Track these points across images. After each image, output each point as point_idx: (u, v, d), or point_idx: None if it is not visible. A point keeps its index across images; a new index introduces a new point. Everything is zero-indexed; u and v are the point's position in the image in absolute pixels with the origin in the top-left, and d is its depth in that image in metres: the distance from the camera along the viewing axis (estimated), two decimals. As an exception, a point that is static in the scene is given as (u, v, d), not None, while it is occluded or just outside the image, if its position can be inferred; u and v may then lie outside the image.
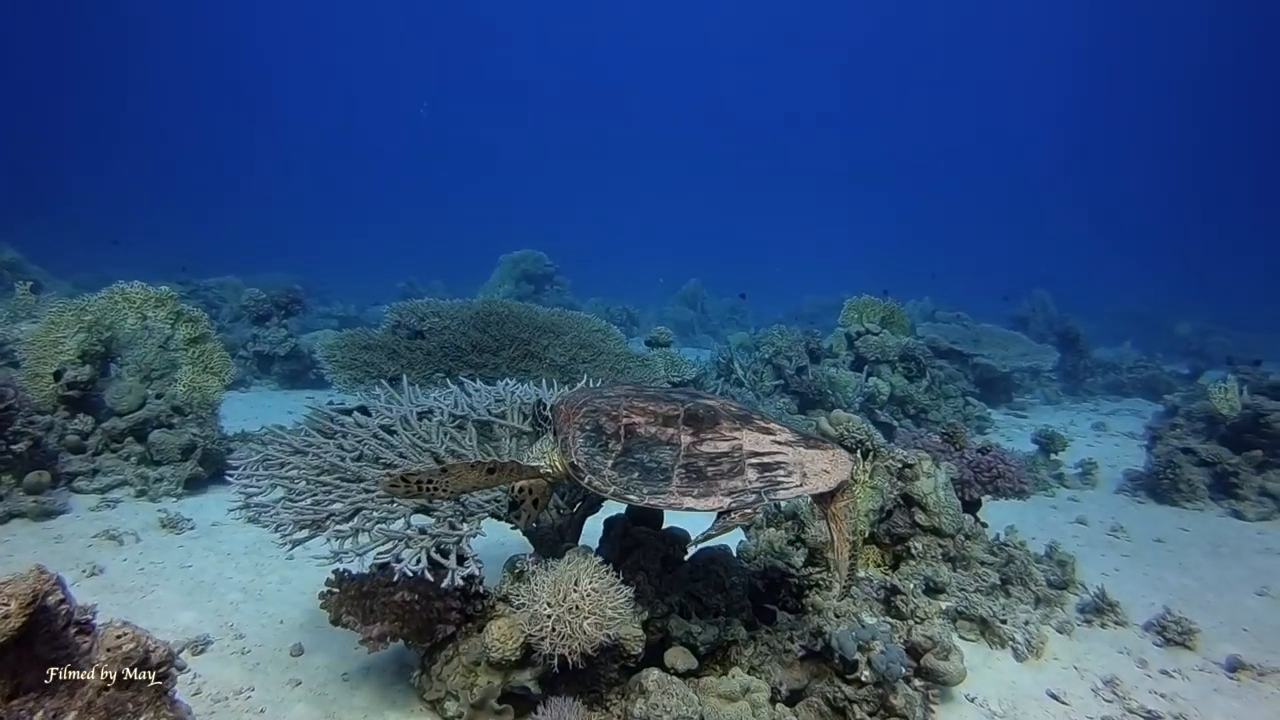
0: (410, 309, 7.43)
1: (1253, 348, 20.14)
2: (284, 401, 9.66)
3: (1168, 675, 3.88)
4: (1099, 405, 13.32)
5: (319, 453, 3.34)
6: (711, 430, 2.79)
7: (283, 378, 10.36)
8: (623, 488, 2.72)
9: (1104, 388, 14.51)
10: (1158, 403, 13.38)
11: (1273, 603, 4.90)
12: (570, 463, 2.83)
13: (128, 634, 2.09)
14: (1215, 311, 24.96)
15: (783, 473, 2.72)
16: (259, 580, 4.43)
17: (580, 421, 2.89)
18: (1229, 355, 12.78)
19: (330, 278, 24.20)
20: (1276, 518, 6.67)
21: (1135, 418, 12.06)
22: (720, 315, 23.08)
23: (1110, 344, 17.45)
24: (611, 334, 8.10)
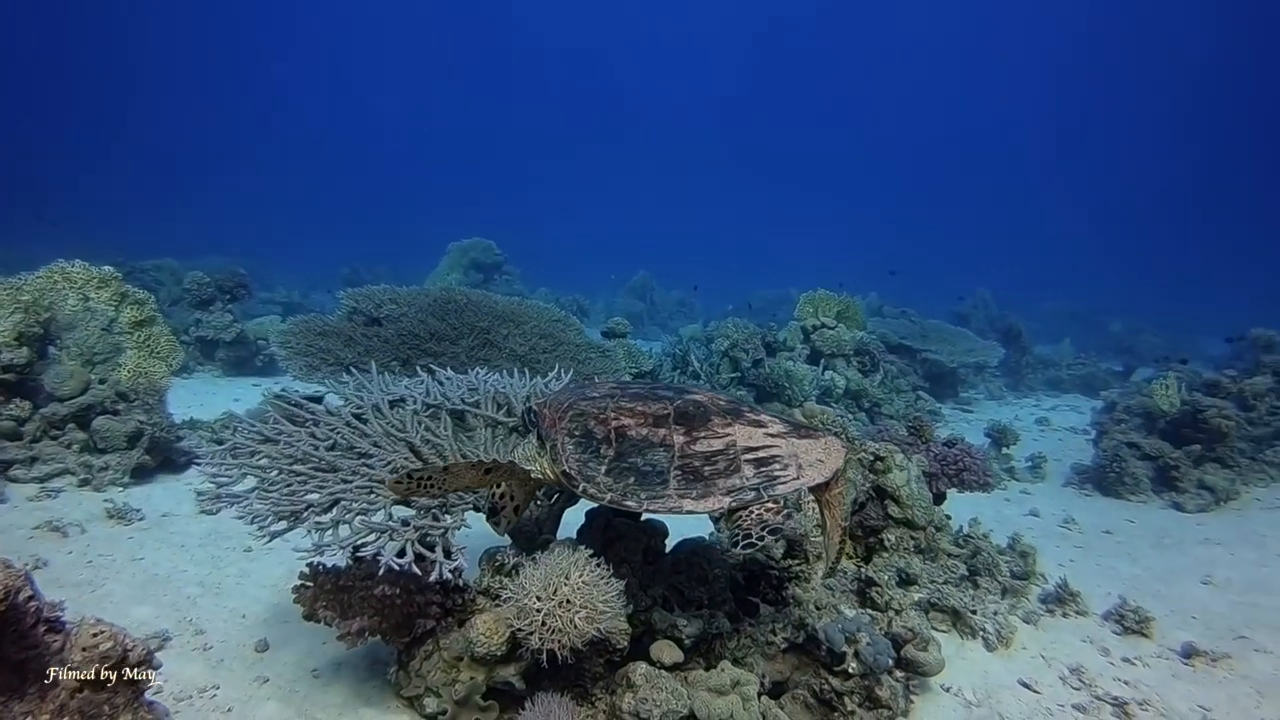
0: (367, 295, 7.22)
1: (1179, 345, 21.01)
2: (229, 389, 9.34)
3: (1129, 663, 4.00)
4: (1040, 400, 13.70)
5: (291, 441, 3.21)
6: (704, 428, 2.75)
7: (227, 364, 10.00)
8: (619, 494, 2.67)
9: (1044, 383, 14.94)
10: (1095, 398, 13.86)
11: (1217, 591, 5.10)
12: (562, 471, 2.77)
13: (104, 632, 1.97)
14: (1145, 311, 25.90)
15: (779, 466, 2.71)
16: (217, 573, 4.26)
17: (568, 427, 2.83)
18: (1165, 354, 13.24)
19: (269, 262, 23.43)
20: (1214, 509, 6.95)
21: (1074, 413, 12.46)
22: (669, 308, 23.09)
23: (1047, 342, 17.95)
24: (571, 324, 8.00)
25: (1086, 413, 12.43)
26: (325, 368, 6.32)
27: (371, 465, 3.19)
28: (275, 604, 3.98)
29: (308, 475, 3.04)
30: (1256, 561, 5.69)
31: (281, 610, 3.91)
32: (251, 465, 3.06)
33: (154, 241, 19.99)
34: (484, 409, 3.83)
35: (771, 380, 9.44)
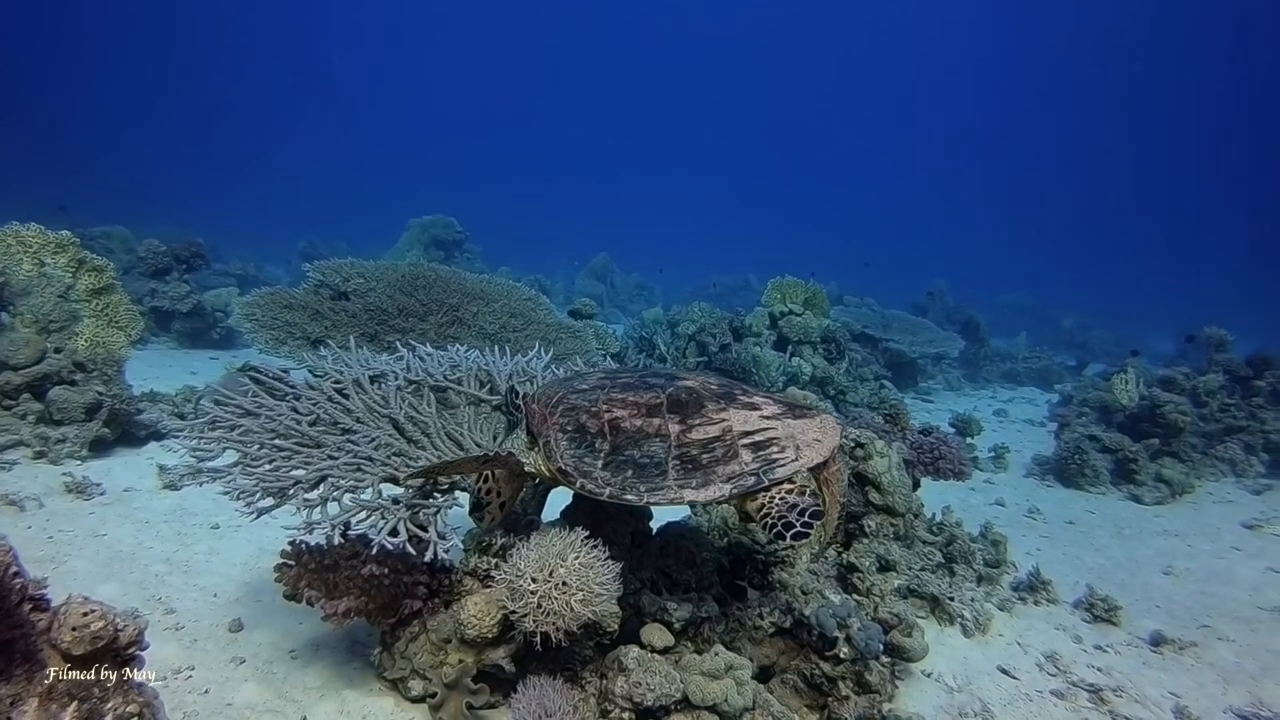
0: (333, 268, 7.04)
1: (1128, 342, 21.62)
2: (185, 361, 9.07)
3: (1101, 650, 4.09)
4: (996, 392, 13.96)
5: (273, 415, 3.10)
6: (698, 414, 2.72)
7: (183, 336, 9.71)
8: (618, 488, 2.62)
9: (1000, 376, 15.21)
10: (1050, 391, 14.21)
11: (1177, 581, 5.24)
12: (558, 468, 2.72)
13: (95, 611, 1.88)
14: (1095, 308, 26.57)
15: (776, 449, 2.68)
16: (184, 551, 4.12)
17: (559, 422, 2.77)
18: (1132, 349, 13.56)
19: (221, 233, 22.73)
20: (1170, 502, 7.15)
21: (1030, 405, 12.72)
22: (628, 291, 23.03)
23: (1001, 335, 18.30)
24: (541, 303, 7.90)
25: (1042, 405, 12.72)
26: (292, 341, 6.15)
27: (356, 441, 3.10)
28: (247, 582, 3.87)
29: (292, 450, 2.95)
30: (1212, 553, 5.86)
31: (254, 589, 3.81)
32: (234, 439, 2.95)
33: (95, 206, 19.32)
34: (467, 386, 3.76)
35: (739, 365, 9.45)
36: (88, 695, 1.87)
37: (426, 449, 3.27)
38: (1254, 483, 7.95)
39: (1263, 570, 5.54)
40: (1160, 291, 33.77)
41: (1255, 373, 9.37)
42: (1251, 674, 4.00)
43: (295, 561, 2.94)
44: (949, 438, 5.04)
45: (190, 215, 23.00)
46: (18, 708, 1.77)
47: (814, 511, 2.52)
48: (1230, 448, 8.33)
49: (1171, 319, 25.17)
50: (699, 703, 2.77)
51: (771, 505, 2.61)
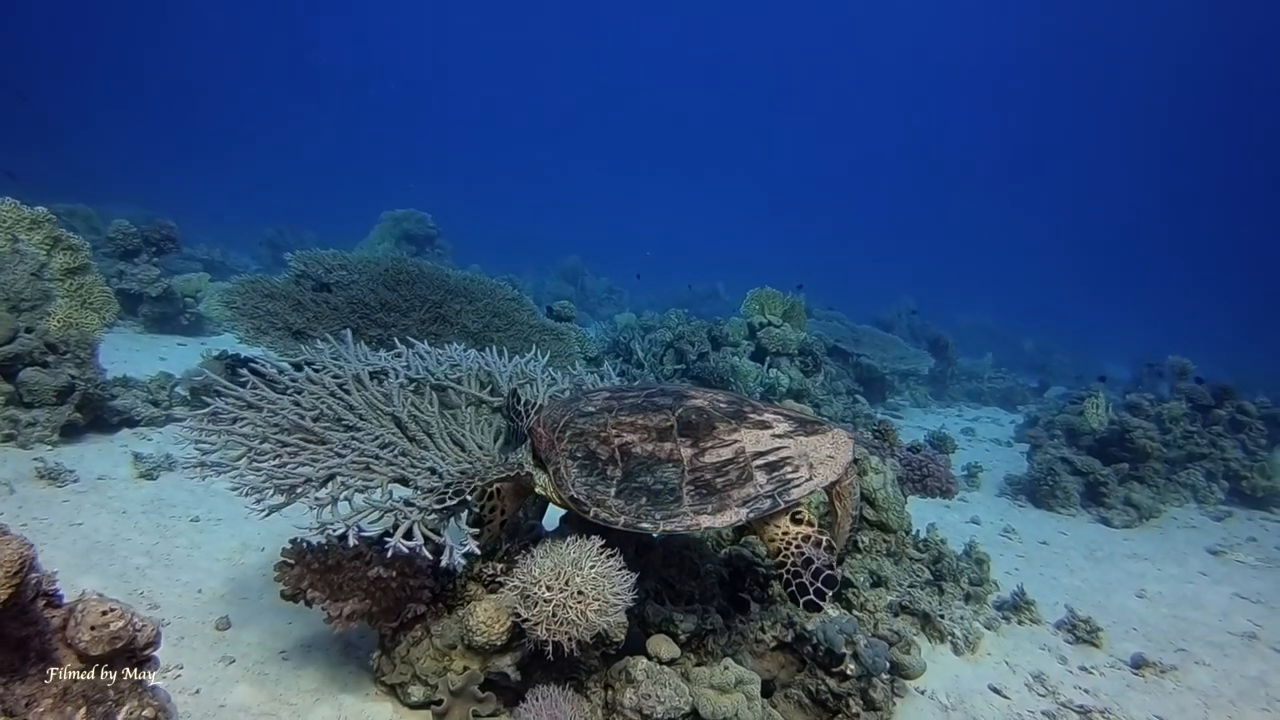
0: (316, 259, 6.90)
1: (1086, 366, 22.15)
2: (153, 346, 8.81)
3: (1086, 671, 4.15)
4: (962, 411, 14.16)
5: (275, 410, 3.01)
6: (710, 436, 2.69)
7: (150, 320, 9.43)
8: (633, 516, 2.58)
9: (965, 395, 15.43)
10: (1013, 412, 14.46)
11: (1151, 604, 5.35)
12: (570, 497, 2.67)
13: (115, 610, 1.81)
14: (1055, 331, 27.11)
15: (790, 469, 2.67)
16: (165, 543, 3.99)
17: (568, 448, 2.73)
18: (1100, 375, 13.83)
19: (185, 217, 22.19)
20: (1138, 525, 7.30)
21: (995, 425, 12.92)
22: (598, 294, 22.95)
23: (963, 354, 18.59)
24: (524, 304, 7.84)
25: (1007, 425, 12.94)
26: (273, 332, 6.01)
27: (360, 439, 3.03)
28: (232, 578, 3.76)
29: (298, 446, 2.86)
30: (1180, 577, 6.00)
31: (239, 585, 3.70)
32: (238, 433, 2.85)
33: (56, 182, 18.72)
34: (467, 386, 3.70)
35: (717, 374, 9.47)
36: (103, 698, 1.79)
37: (430, 449, 3.20)
38: (1215, 509, 8.16)
39: (1230, 596, 5.68)
40: (1116, 318, 34.63)
41: (1216, 401, 9.64)
42: (1230, 699, 4.09)
43: (297, 561, 2.85)
44: (936, 456, 5.09)
45: (155, 198, 22.32)
46: (32, 709, 1.69)
47: (828, 578, 2.51)
48: (1193, 474, 8.55)
49: (1126, 346, 25.89)
50: (708, 716, 2.74)
51: (788, 554, 2.60)
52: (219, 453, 2.83)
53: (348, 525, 2.44)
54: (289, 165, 44.46)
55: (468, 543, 2.59)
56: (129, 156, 35.79)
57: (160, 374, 5.93)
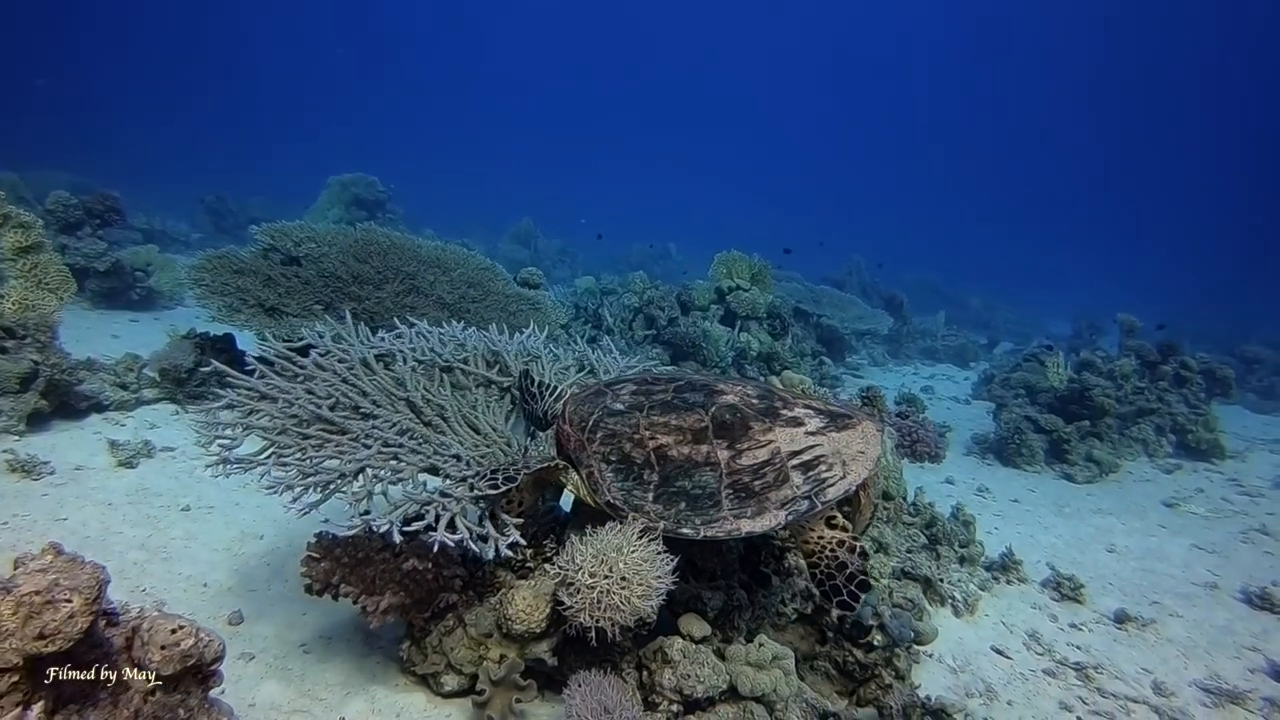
0: (283, 231, 6.64)
1: (1029, 323, 22.84)
2: (103, 324, 8.43)
3: (1076, 628, 4.33)
4: (918, 369, 14.49)
5: (291, 400, 2.91)
6: (745, 438, 2.68)
7: (98, 296, 9.00)
8: (673, 522, 2.57)
9: (919, 353, 15.79)
10: (966, 369, 14.85)
11: (1121, 559, 5.59)
12: (607, 502, 2.64)
13: (185, 628, 1.73)
14: (997, 288, 27.82)
15: (824, 468, 2.68)
16: (159, 535, 3.85)
17: (600, 450, 2.69)
18: (1048, 342, 14.23)
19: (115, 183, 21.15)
20: (1099, 480, 7.60)
21: (951, 382, 13.25)
22: (551, 256, 22.75)
23: (915, 313, 18.96)
24: (498, 273, 7.69)
25: (962, 382, 13.28)
26: (246, 309, 5.80)
27: (381, 428, 2.95)
28: (236, 570, 3.66)
29: (320, 438, 2.78)
30: (1143, 530, 6.27)
31: (244, 577, 3.61)
32: (258, 427, 2.75)
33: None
34: (475, 366, 3.64)
35: (688, 340, 9.48)
36: (173, 716, 1.73)
37: (446, 434, 3.15)
38: (1165, 462, 8.54)
39: (1189, 548, 5.96)
40: (1054, 275, 35.65)
41: (1162, 358, 10.02)
42: (1204, 648, 4.31)
43: (325, 556, 2.79)
44: (925, 421, 5.20)
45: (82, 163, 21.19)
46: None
47: (861, 582, 2.57)
48: (1143, 429, 8.90)
49: (1064, 302, 26.75)
50: (747, 694, 2.78)
51: (822, 558, 2.63)
52: (241, 447, 2.72)
53: (391, 521, 2.38)
54: (221, 129, 42.63)
55: (511, 533, 2.56)
56: (52, 119, 33.85)
57: (128, 355, 5.68)
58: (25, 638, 1.46)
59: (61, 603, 1.47)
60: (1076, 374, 8.78)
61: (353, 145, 40.56)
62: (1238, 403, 11.82)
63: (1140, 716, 3.53)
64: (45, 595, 1.47)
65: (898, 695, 2.83)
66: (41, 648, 1.48)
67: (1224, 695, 3.78)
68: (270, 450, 2.69)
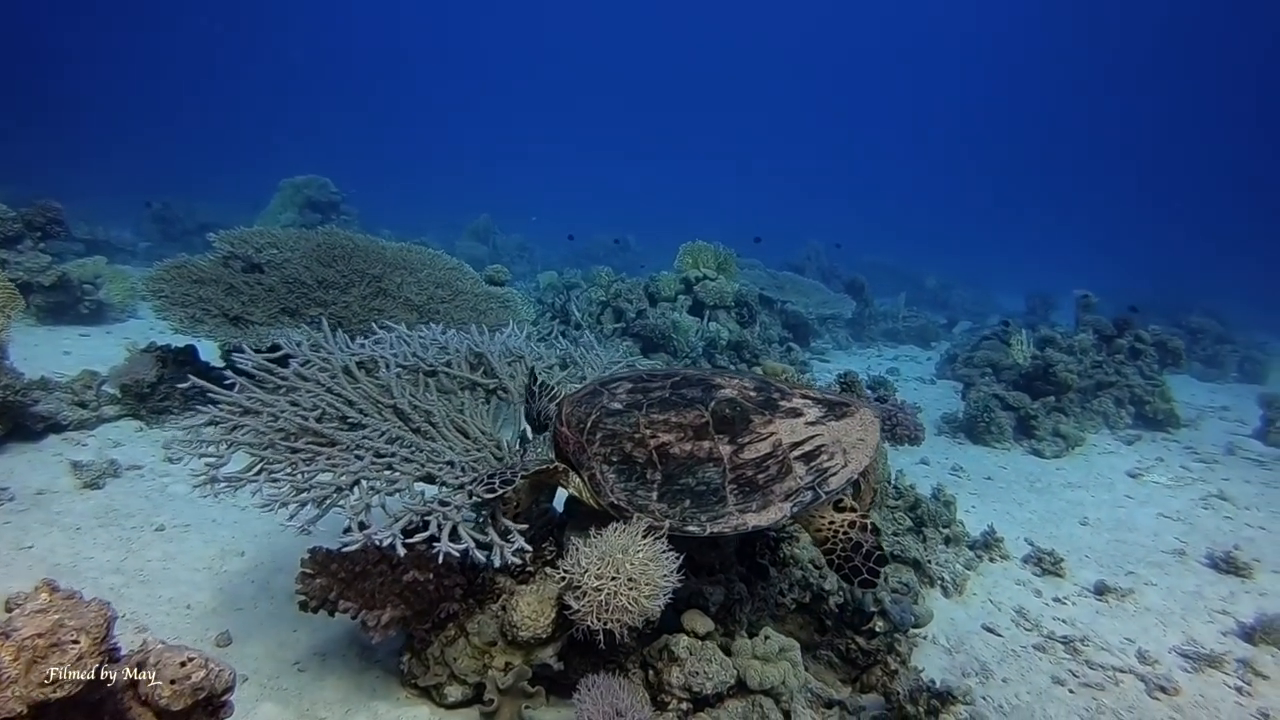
0: (242, 238, 6.46)
1: (983, 301, 23.24)
2: (53, 339, 8.12)
3: (1059, 602, 4.41)
4: (881, 351, 14.65)
5: (276, 413, 2.82)
6: (746, 431, 2.66)
7: (44, 311, 8.67)
8: (678, 520, 2.55)
9: (882, 335, 15.96)
10: (928, 349, 15.06)
11: (1094, 531, 5.71)
12: (610, 503, 2.61)
13: (194, 660, 1.67)
14: (949, 267, 28.19)
15: (826, 458, 2.67)
16: (134, 558, 3.72)
17: (601, 451, 2.65)
18: (1005, 320, 14.46)
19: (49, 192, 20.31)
20: (1067, 454, 7.76)
21: (915, 363, 13.42)
22: (510, 252, 22.56)
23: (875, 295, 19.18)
24: (466, 272, 7.59)
25: (925, 363, 13.47)
26: (209, 319, 5.63)
27: (370, 437, 2.88)
28: (219, 589, 3.55)
29: (311, 451, 2.69)
30: (1111, 502, 6.42)
31: (230, 596, 3.51)
32: (244, 442, 2.65)
33: None
34: (460, 370, 3.57)
35: (658, 331, 9.46)
36: (188, 752, 1.65)
37: (436, 440, 3.08)
38: (1125, 434, 8.75)
39: (1155, 517, 6.12)
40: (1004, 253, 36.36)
41: (1118, 331, 10.26)
42: (1179, 615, 4.43)
43: (320, 571, 2.71)
44: (905, 405, 5.22)
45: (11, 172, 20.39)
46: (121, 776, 1.54)
47: (879, 558, 2.57)
48: (1104, 402, 9.11)
49: (1015, 279, 27.26)
50: (756, 687, 2.77)
51: (836, 541, 2.62)
52: (228, 464, 2.62)
53: (394, 534, 2.31)
54: (160, 132, 41.35)
55: (515, 539, 2.51)
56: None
57: (85, 372, 5.47)
58: (30, 684, 1.38)
59: (68, 645, 1.39)
60: (1040, 350, 8.94)
61: (298, 147, 39.67)
62: (1185, 372, 12.15)
63: (1128, 685, 3.61)
64: (49, 638, 1.39)
65: (904, 681, 2.84)
66: (49, 694, 1.40)
67: (1202, 660, 3.88)
68: (259, 466, 2.60)
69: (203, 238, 18.79)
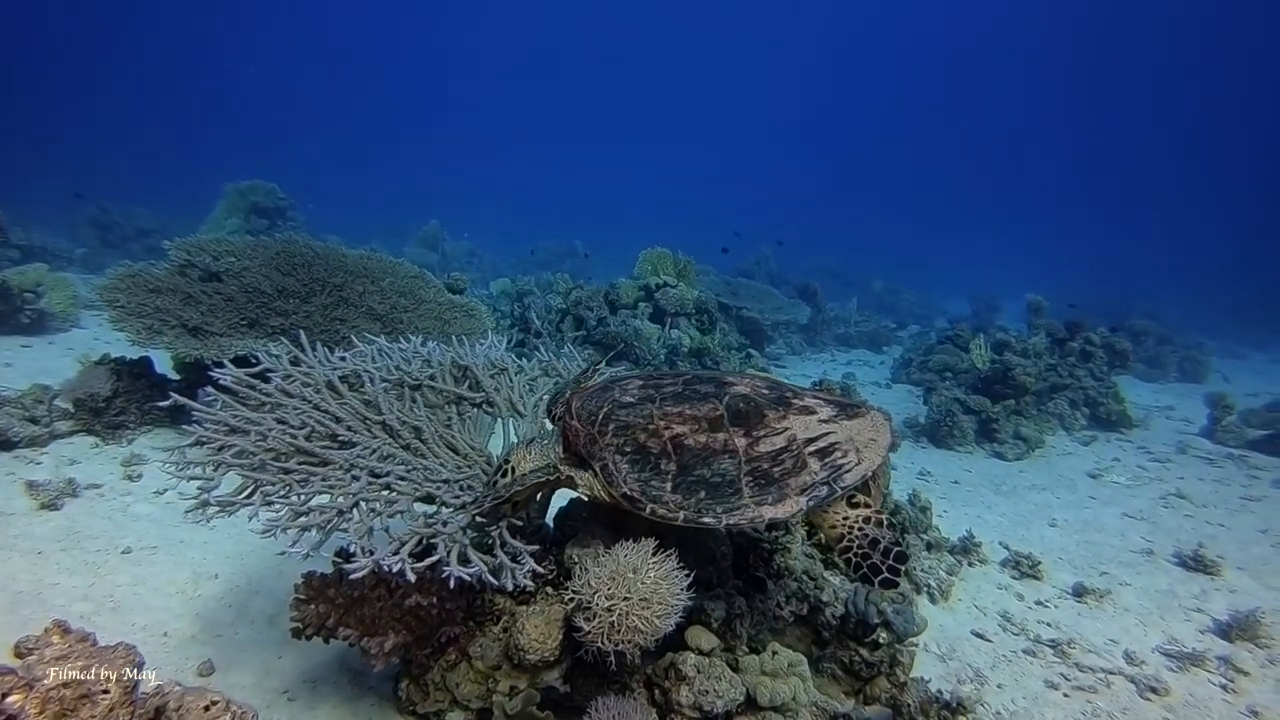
0: (199, 246, 6.22)
1: (930, 305, 23.67)
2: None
3: (1042, 605, 4.48)
4: (835, 356, 14.80)
5: (264, 431, 2.70)
6: (761, 425, 2.63)
7: (-20, 322, 8.27)
8: (693, 511, 2.48)
9: (834, 340, 16.13)
10: (880, 353, 15.28)
11: (1063, 532, 5.83)
12: (623, 494, 2.54)
13: (217, 703, 1.58)
14: (893, 271, 28.62)
15: (840, 454, 2.65)
16: (102, 583, 3.54)
17: (614, 442, 2.59)
18: (952, 323, 14.73)
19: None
20: (1028, 456, 7.92)
21: (869, 368, 13.60)
22: (460, 259, 22.25)
23: (825, 299, 19.39)
24: (428, 281, 7.45)
25: (878, 367, 13.66)
26: (168, 331, 5.42)
27: (364, 456, 2.78)
28: (196, 614, 3.40)
29: (305, 473, 2.58)
30: (1076, 503, 6.57)
31: (208, 622, 3.36)
32: (233, 463, 2.53)
33: None
34: (445, 383, 3.48)
35: (620, 339, 9.41)
36: (210, 800, 1.56)
37: (428, 457, 3.00)
38: (1081, 434, 8.99)
39: (1120, 517, 6.27)
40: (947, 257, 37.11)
41: (1070, 334, 10.53)
42: (1157, 614, 4.53)
43: (316, 597, 2.60)
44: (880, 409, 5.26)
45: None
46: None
47: (898, 554, 2.50)
48: (1059, 404, 9.34)
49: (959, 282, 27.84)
50: (767, 704, 2.75)
51: (852, 539, 2.58)
52: (217, 487, 2.50)
53: (404, 560, 2.22)
54: (93, 134, 39.84)
55: (526, 561, 2.44)
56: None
57: (35, 386, 5.20)
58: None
59: (98, 695, 1.29)
60: (998, 354, 9.12)
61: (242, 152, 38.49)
62: (1129, 373, 12.52)
63: (1120, 687, 3.67)
64: (78, 688, 1.29)
65: (914, 693, 2.84)
66: (75, 747, 1.30)
67: (1185, 659, 3.98)
68: (252, 489, 2.48)
69: (143, 244, 18.16)
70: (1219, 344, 17.60)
